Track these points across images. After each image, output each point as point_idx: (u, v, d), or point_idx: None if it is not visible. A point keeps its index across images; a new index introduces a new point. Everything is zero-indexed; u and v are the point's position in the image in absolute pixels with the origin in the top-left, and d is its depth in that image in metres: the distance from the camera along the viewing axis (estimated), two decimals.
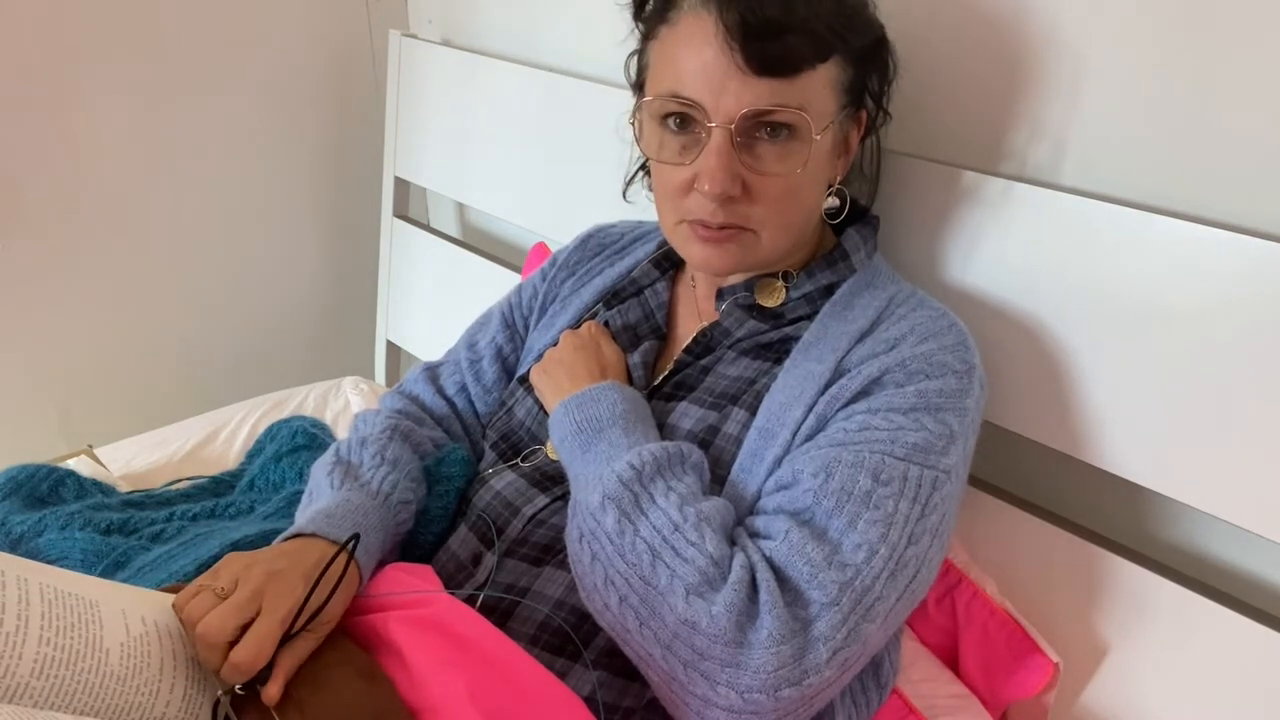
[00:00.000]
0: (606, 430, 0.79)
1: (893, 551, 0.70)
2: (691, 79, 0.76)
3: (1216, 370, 0.79)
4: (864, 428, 0.74)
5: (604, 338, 0.92)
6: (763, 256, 0.82)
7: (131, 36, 1.47)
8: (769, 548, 0.70)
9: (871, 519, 0.70)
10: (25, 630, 0.58)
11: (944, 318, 0.82)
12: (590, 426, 0.80)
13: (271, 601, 0.67)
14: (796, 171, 0.78)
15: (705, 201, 0.78)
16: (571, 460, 0.80)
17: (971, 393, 0.78)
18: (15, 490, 1.07)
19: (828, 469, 0.72)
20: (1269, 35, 0.76)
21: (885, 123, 0.90)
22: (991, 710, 0.94)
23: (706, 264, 0.83)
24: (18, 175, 1.42)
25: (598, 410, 0.81)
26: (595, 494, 0.73)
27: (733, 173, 0.77)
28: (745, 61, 0.74)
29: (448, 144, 1.54)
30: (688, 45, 0.77)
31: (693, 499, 0.72)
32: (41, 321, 1.52)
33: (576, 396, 0.82)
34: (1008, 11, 0.89)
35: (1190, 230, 0.79)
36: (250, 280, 1.73)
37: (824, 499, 0.71)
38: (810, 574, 0.68)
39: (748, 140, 0.77)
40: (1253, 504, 0.79)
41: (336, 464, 0.87)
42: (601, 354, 0.89)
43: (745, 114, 0.75)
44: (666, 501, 0.71)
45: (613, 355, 0.90)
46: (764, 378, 0.83)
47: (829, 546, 0.69)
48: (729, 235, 0.80)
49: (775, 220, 0.80)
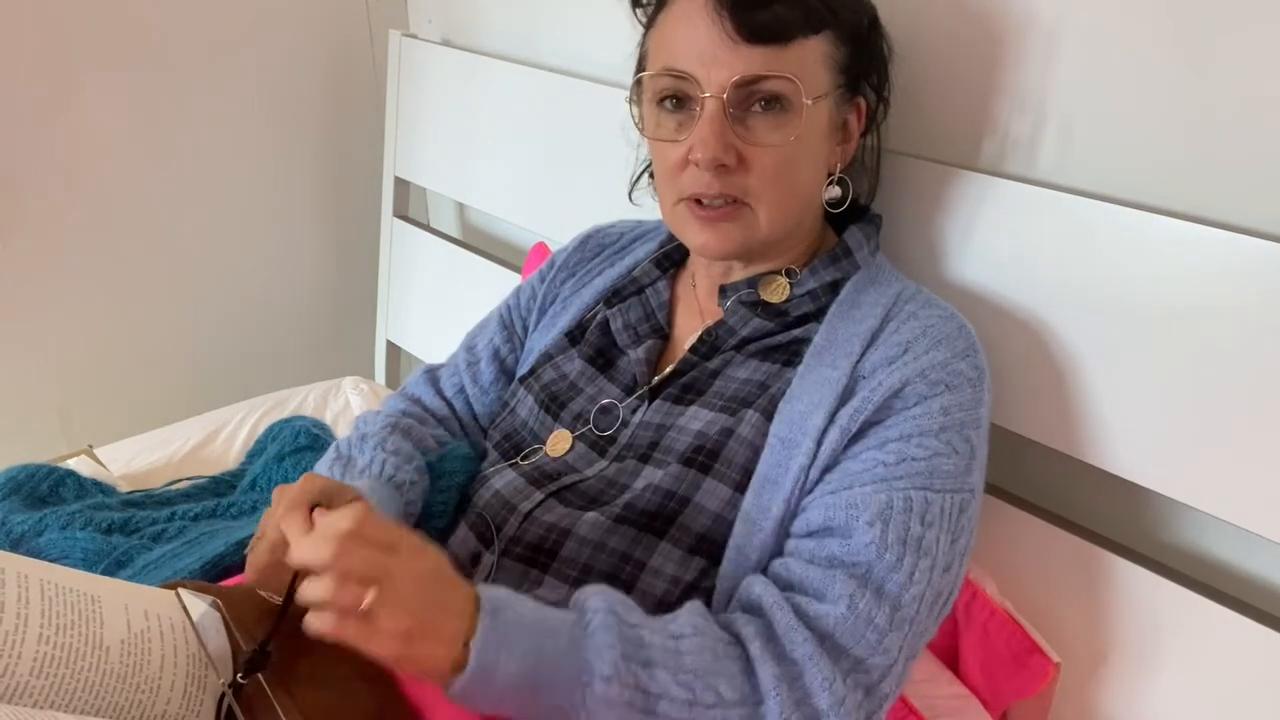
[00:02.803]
0: (542, 666, 0.64)
1: (933, 586, 0.73)
2: (684, 52, 0.78)
3: (1216, 370, 0.79)
4: (902, 458, 0.75)
5: (370, 528, 0.63)
6: (761, 236, 0.82)
7: (131, 37, 1.47)
8: (822, 612, 0.70)
9: (924, 567, 0.73)
10: (25, 629, 0.58)
11: (953, 319, 0.83)
12: (526, 682, 0.64)
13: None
14: (790, 140, 0.78)
15: (701, 174, 0.79)
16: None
17: (985, 400, 0.80)
18: (15, 490, 1.07)
19: (883, 518, 0.73)
20: (1269, 34, 0.76)
21: (885, 116, 0.90)
22: (992, 710, 0.94)
23: (705, 247, 0.83)
24: (17, 175, 1.42)
25: (509, 664, 0.63)
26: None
27: (725, 141, 0.78)
28: (735, 30, 0.75)
29: (448, 144, 1.54)
30: (681, 22, 0.79)
31: (674, 660, 0.66)
32: (41, 321, 1.52)
33: (475, 672, 0.62)
34: (1008, 11, 0.89)
35: (1190, 230, 0.79)
36: (250, 280, 1.72)
37: (885, 553, 0.72)
38: (876, 641, 0.70)
39: (740, 112, 0.78)
40: (1253, 504, 0.79)
41: (337, 459, 0.87)
42: (417, 573, 0.64)
43: (736, 81, 0.76)
44: (662, 686, 0.65)
45: (406, 550, 0.64)
46: (776, 381, 0.83)
47: (889, 606, 0.71)
48: (725, 214, 0.81)
49: (771, 194, 0.80)
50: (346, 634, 0.60)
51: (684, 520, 0.79)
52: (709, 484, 0.79)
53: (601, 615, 0.66)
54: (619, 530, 0.79)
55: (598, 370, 0.92)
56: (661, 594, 0.79)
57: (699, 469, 0.79)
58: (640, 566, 0.79)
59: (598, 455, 0.87)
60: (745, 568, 0.77)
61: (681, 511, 0.79)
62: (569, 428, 0.89)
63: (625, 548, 0.79)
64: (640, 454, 0.83)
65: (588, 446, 0.88)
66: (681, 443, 0.81)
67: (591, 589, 0.70)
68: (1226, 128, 0.79)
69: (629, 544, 0.79)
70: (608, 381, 0.91)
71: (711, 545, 0.79)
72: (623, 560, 0.79)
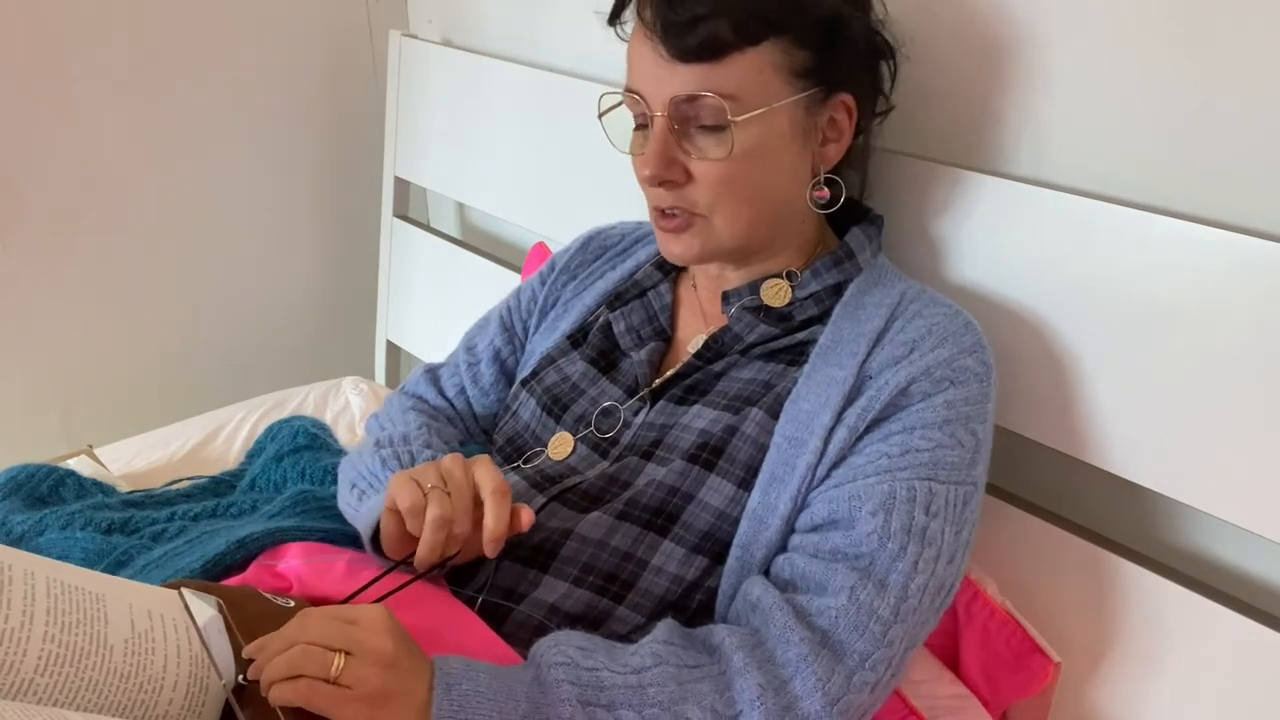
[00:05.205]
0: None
1: (936, 577, 0.74)
2: (636, 72, 0.82)
3: (1217, 371, 0.79)
4: (905, 450, 0.75)
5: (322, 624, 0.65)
6: (723, 243, 0.83)
7: (131, 37, 1.47)
8: (823, 606, 0.71)
9: (929, 557, 0.73)
10: (30, 626, 0.58)
11: (958, 316, 0.83)
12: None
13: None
14: (729, 154, 0.79)
15: (655, 188, 0.82)
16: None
17: (991, 396, 0.81)
18: (15, 490, 1.07)
19: (886, 507, 0.73)
20: (1269, 33, 0.76)
21: (884, 110, 0.90)
22: (992, 710, 0.94)
23: (671, 255, 0.86)
24: (18, 175, 1.42)
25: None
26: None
27: (666, 157, 0.80)
28: (667, 51, 0.77)
29: (448, 144, 1.54)
30: (634, 43, 0.82)
31: (637, 696, 0.66)
32: (42, 321, 1.52)
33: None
34: (1010, 10, 0.89)
35: (1190, 230, 0.79)
36: (250, 280, 1.72)
37: (888, 542, 0.72)
38: (880, 633, 0.71)
39: (686, 127, 0.80)
40: (1254, 504, 0.79)
41: (393, 456, 0.89)
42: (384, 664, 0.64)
43: (672, 99, 0.79)
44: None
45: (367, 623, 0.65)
46: (781, 380, 0.83)
47: (893, 597, 0.71)
48: (681, 224, 0.83)
49: (723, 205, 0.81)
50: (317, 701, 0.61)
51: (687, 517, 0.79)
52: (713, 481, 0.79)
53: (557, 668, 0.66)
54: (621, 528, 0.79)
55: (600, 372, 0.92)
56: (663, 593, 0.79)
57: (703, 465, 0.79)
58: (642, 565, 0.79)
59: (599, 457, 0.87)
60: (751, 566, 0.77)
61: (685, 508, 0.79)
62: (570, 430, 0.89)
63: (628, 546, 0.79)
64: (643, 452, 0.83)
65: (589, 449, 0.88)
66: (685, 440, 0.81)
67: (547, 640, 0.69)
68: (1227, 127, 0.80)
69: (631, 542, 0.79)
70: (610, 383, 0.91)
71: (714, 543, 0.79)
72: (624, 559, 0.79)
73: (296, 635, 0.63)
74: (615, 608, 0.80)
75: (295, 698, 0.60)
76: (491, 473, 0.74)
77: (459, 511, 0.72)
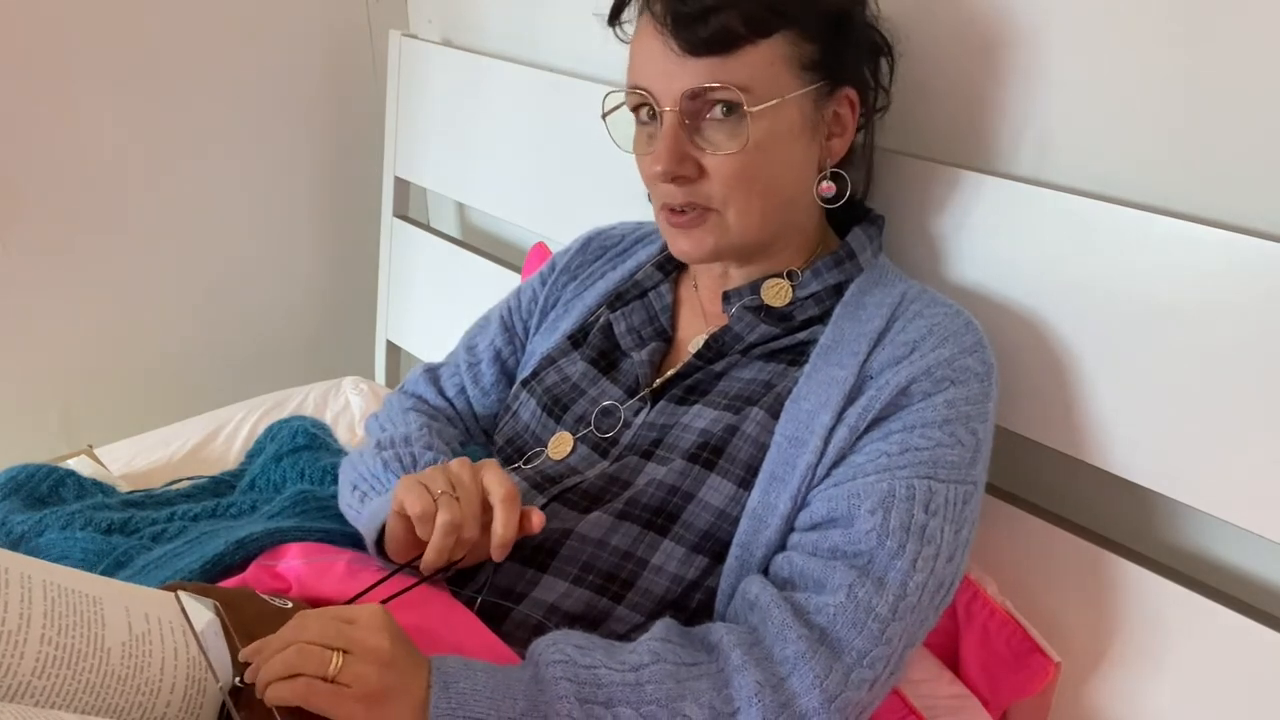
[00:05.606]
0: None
1: (936, 575, 0.74)
2: (642, 69, 0.81)
3: (1217, 371, 0.79)
4: (905, 448, 0.75)
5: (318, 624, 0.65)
6: (735, 239, 0.83)
7: (131, 38, 1.47)
8: (821, 604, 0.71)
9: (928, 555, 0.73)
10: (27, 629, 0.58)
11: (959, 316, 0.83)
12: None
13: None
14: (745, 146, 0.79)
15: (667, 185, 0.81)
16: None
17: (992, 395, 0.81)
18: (15, 490, 1.07)
19: (885, 505, 0.73)
20: (1269, 33, 0.76)
21: (884, 106, 0.90)
22: (992, 710, 0.94)
23: (682, 252, 0.85)
24: (18, 175, 1.42)
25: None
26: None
27: (679, 153, 0.79)
28: (678, 45, 0.77)
29: (448, 144, 1.54)
30: (640, 40, 0.81)
31: (635, 694, 0.66)
32: (41, 321, 1.52)
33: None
34: (1010, 9, 0.89)
35: (1190, 230, 0.79)
36: (250, 280, 1.72)
37: (886, 540, 0.72)
38: (879, 631, 0.70)
39: (697, 122, 0.80)
40: (1254, 504, 0.79)
41: (396, 461, 0.89)
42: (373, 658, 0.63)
43: (684, 93, 0.78)
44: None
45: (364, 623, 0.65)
46: (782, 380, 0.83)
47: (891, 594, 0.71)
48: (694, 219, 0.82)
49: (736, 199, 0.81)
50: (315, 700, 0.61)
51: (687, 517, 0.79)
52: (713, 480, 0.79)
53: (555, 666, 0.66)
54: (621, 527, 0.79)
55: (600, 372, 0.92)
56: (663, 592, 0.79)
57: (703, 465, 0.79)
58: (642, 564, 0.79)
59: (600, 457, 0.87)
60: (750, 565, 0.77)
61: (685, 507, 0.79)
62: (571, 430, 0.89)
63: (627, 546, 0.79)
64: (643, 452, 0.83)
65: (589, 448, 0.88)
66: (686, 440, 0.81)
67: (545, 639, 0.69)
68: (1227, 127, 0.80)
69: (631, 542, 0.79)
70: (610, 383, 0.91)
71: (714, 543, 0.79)
72: (624, 558, 0.79)
73: (294, 635, 0.63)
74: (615, 607, 0.80)
75: (293, 696, 0.61)
76: (500, 478, 0.74)
77: (468, 517, 0.72)
